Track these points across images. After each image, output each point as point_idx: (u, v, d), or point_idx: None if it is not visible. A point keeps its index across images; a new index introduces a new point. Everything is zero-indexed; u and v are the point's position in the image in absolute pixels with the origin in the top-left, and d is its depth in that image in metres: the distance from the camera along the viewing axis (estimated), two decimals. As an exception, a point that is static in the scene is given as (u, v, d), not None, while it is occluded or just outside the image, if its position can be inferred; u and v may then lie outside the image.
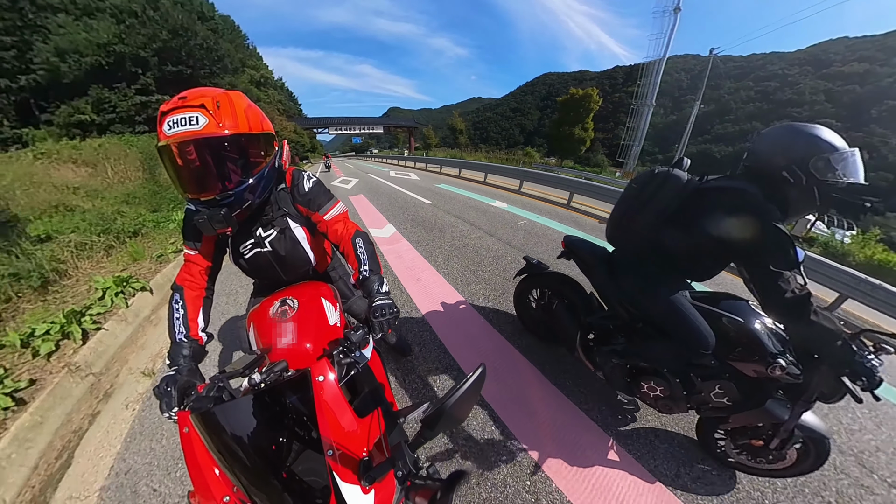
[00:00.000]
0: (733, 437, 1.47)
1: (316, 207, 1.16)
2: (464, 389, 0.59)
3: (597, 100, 27.33)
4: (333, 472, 0.64)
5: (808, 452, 1.31)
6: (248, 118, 0.91)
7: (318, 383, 0.72)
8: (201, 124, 0.81)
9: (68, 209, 5.02)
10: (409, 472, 0.60)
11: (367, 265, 1.07)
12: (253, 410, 0.75)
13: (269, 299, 1.15)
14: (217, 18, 34.19)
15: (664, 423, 1.80)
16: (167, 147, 0.82)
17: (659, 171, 1.38)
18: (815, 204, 1.07)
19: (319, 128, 52.07)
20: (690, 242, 1.28)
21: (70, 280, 3.19)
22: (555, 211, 7.01)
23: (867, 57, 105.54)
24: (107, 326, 2.63)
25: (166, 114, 0.81)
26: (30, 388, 2.00)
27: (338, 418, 0.70)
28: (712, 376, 1.38)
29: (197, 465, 0.68)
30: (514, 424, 1.75)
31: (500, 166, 11.69)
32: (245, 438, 0.72)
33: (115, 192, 5.84)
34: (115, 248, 3.86)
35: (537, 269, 2.19)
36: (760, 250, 1.08)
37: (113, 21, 19.78)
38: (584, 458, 1.59)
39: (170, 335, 0.99)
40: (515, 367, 2.18)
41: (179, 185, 0.90)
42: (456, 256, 4.07)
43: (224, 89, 0.92)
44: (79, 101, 18.68)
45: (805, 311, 1.03)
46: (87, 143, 8.66)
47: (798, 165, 1.03)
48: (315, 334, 1.03)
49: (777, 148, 1.09)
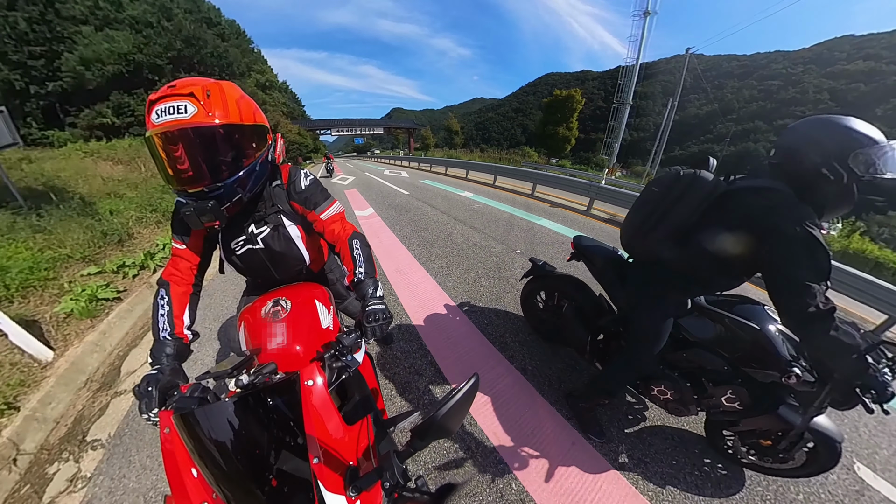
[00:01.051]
0: (742, 436, 1.45)
1: (312, 206, 1.13)
2: (456, 400, 0.56)
3: (580, 100, 28.62)
4: (318, 480, 0.62)
5: (817, 455, 1.28)
6: (239, 108, 0.88)
7: (307, 388, 0.71)
8: (190, 113, 0.77)
9: (118, 196, 6.41)
10: (397, 483, 0.57)
11: (362, 267, 1.05)
12: (238, 413, 0.71)
13: (262, 299, 1.14)
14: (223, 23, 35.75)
15: (652, 434, 1.74)
16: (152, 137, 0.79)
17: (685, 174, 1.22)
18: (852, 203, 0.98)
19: (322, 129, 53.75)
20: (715, 250, 1.16)
21: (135, 241, 4.55)
22: (513, 198, 8.29)
23: (873, 55, 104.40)
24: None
25: (155, 102, 0.77)
26: (123, 293, 3.32)
27: (326, 425, 0.69)
28: (724, 381, 1.35)
29: (176, 469, 0.66)
30: (489, 428, 1.73)
31: (480, 164, 13.05)
32: (227, 443, 0.69)
33: (149, 185, 7.19)
34: (162, 223, 5.23)
35: (545, 270, 2.16)
36: (791, 259, 0.97)
37: (131, 31, 21.46)
38: (568, 470, 1.56)
39: (153, 332, 0.96)
40: (447, 310, 3.35)
41: (166, 176, 0.85)
42: (409, 226, 5.56)
43: (215, 79, 0.88)
44: (101, 106, 20.40)
45: (826, 326, 0.95)
46: (119, 143, 10.14)
47: (838, 162, 0.92)
48: (307, 337, 1.02)
49: (811, 143, 0.98)
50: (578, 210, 7.21)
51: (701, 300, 1.40)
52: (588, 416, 1.75)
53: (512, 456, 1.61)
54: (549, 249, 4.51)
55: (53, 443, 1.78)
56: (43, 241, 3.59)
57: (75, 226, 4.05)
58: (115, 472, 1.58)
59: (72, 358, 2.31)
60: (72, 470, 1.62)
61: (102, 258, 3.82)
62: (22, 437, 1.74)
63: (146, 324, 2.96)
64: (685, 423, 1.82)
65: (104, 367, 2.41)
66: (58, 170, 6.75)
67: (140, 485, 1.52)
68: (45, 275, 3.09)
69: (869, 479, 1.60)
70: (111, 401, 2.05)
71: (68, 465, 1.64)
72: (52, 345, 2.40)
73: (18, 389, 1.98)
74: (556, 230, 5.50)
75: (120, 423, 1.87)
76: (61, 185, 5.80)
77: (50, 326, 2.58)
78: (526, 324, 2.60)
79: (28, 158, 7.44)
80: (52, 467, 1.63)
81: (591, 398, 1.72)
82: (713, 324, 1.36)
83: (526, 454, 1.62)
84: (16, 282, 2.83)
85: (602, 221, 6.45)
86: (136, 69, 20.75)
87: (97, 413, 1.95)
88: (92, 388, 2.20)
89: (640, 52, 16.05)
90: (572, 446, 1.67)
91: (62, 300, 2.79)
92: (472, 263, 3.90)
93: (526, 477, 1.52)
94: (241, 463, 0.70)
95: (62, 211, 4.36)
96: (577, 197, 8.07)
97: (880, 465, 1.68)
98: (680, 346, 1.46)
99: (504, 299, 3.08)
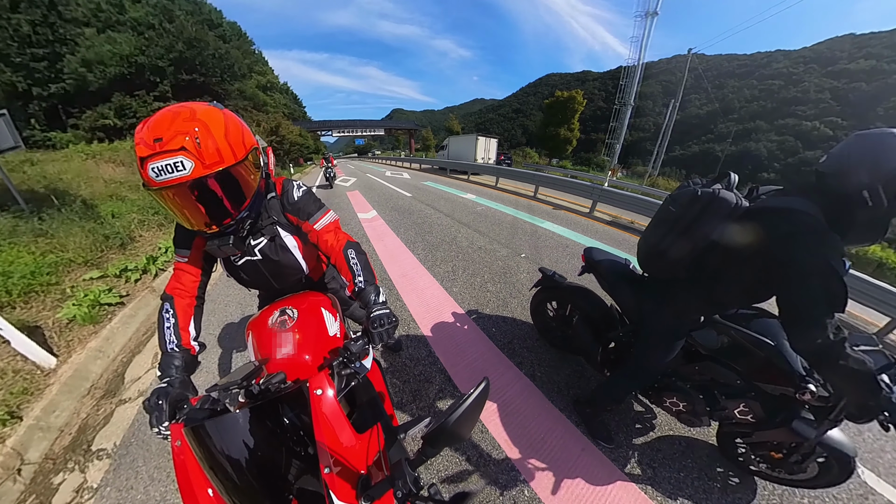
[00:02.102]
0: (754, 447, 1.44)
1: (305, 217, 1.14)
2: (467, 405, 0.55)
3: (581, 101, 28.48)
4: (330, 489, 0.62)
5: (830, 468, 1.26)
6: (230, 146, 0.86)
7: (317, 397, 0.70)
8: (189, 169, 0.77)
9: (119, 198, 6.40)
10: (409, 491, 0.56)
11: (361, 276, 1.05)
12: (249, 424, 0.72)
13: (269, 309, 1.15)
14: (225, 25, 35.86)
15: (661, 441, 1.73)
16: (159, 192, 0.80)
17: (703, 193, 1.15)
18: (881, 236, 0.92)
19: (323, 130, 53.84)
20: (732, 272, 1.12)
21: (137, 244, 4.53)
22: (516, 201, 8.26)
23: (874, 54, 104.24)
24: (170, 270, 3.96)
25: (146, 160, 0.76)
26: (125, 298, 3.30)
27: (336, 433, 0.68)
28: (738, 395, 1.34)
29: (188, 482, 0.65)
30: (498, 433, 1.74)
31: (481, 165, 13.00)
32: (238, 453, 0.69)
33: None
34: (164, 225, 5.21)
35: (555, 281, 2.14)
36: (806, 293, 0.93)
37: (133, 34, 21.52)
38: (578, 478, 1.56)
39: (160, 346, 0.97)
40: (451, 312, 3.40)
41: (185, 221, 0.89)
42: (413, 229, 5.51)
43: (192, 109, 0.84)
44: (102, 108, 20.45)
45: (836, 356, 0.91)
46: (121, 145, 10.14)
47: (885, 185, 0.83)
48: (314, 345, 1.02)
49: (864, 160, 0.87)
50: (581, 212, 7.17)
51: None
52: (595, 422, 1.75)
53: (523, 463, 1.61)
54: (554, 253, 4.47)
55: (58, 452, 1.76)
56: (45, 245, 3.57)
57: (77, 229, 4.03)
58: (123, 483, 1.56)
59: (75, 365, 2.29)
60: (78, 480, 1.59)
61: (104, 262, 3.81)
62: (26, 447, 1.72)
63: (149, 329, 2.94)
64: (694, 431, 1.82)
65: (108, 374, 2.39)
66: (60, 172, 6.75)
67: (148, 496, 1.50)
68: (48, 279, 3.07)
69: (873, 482, 1.61)
70: (116, 409, 2.03)
71: (74, 475, 1.62)
72: (54, 351, 2.38)
73: (21, 397, 1.96)
74: (561, 233, 5.46)
75: (126, 432, 1.85)
76: (63, 188, 5.79)
77: (52, 332, 2.56)
78: (534, 329, 2.60)
79: (31, 161, 7.44)
80: (57, 477, 1.61)
81: (597, 404, 1.73)
82: (726, 338, 1.34)
83: (536, 461, 1.62)
84: (18, 287, 2.81)
85: (605, 224, 6.41)
86: (137, 71, 20.82)
87: (102, 422, 1.93)
88: (96, 395, 2.17)
89: (642, 54, 16.00)
90: (582, 452, 1.67)
91: (64, 305, 2.77)
92: (477, 268, 3.87)
93: (538, 484, 1.52)
94: (252, 474, 0.70)
95: (64, 214, 4.34)
96: (579, 199, 8.04)
97: (884, 470, 1.69)
98: (692, 359, 1.45)
99: (511, 305, 3.05)
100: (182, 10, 27.04)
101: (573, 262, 4.16)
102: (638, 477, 1.58)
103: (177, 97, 21.73)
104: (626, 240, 5.44)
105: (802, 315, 0.95)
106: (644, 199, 6.15)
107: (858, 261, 5.82)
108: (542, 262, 3.95)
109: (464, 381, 2.13)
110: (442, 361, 2.30)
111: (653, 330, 1.44)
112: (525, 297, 3.13)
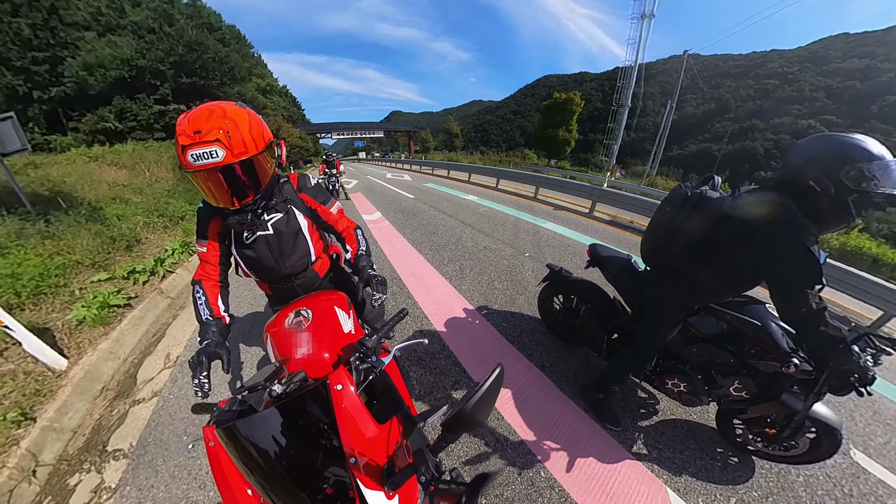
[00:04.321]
0: (750, 425, 1.56)
1: (321, 201, 1.35)
2: (483, 390, 0.57)
3: (579, 103, 28.48)
4: (357, 479, 0.65)
5: (820, 441, 1.38)
6: (253, 138, 1.01)
7: (337, 392, 0.73)
8: (221, 157, 0.93)
9: (123, 200, 6.39)
10: (432, 476, 0.59)
11: (364, 247, 1.35)
12: (275, 422, 0.75)
13: (284, 311, 1.19)
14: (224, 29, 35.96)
15: (664, 425, 1.82)
16: (195, 173, 0.96)
17: (692, 194, 1.35)
18: (851, 216, 1.04)
19: (322, 132, 53.93)
20: (724, 261, 1.28)
21: (143, 246, 4.53)
22: (517, 202, 8.28)
23: (867, 53, 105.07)
24: (177, 271, 3.96)
25: (187, 147, 0.91)
26: (134, 300, 3.29)
27: (358, 426, 0.71)
28: (732, 373, 1.46)
29: (225, 480, 0.69)
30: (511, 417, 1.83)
31: (482, 167, 13.03)
32: (269, 451, 0.72)
33: (154, 190, 7.17)
34: (169, 227, 5.21)
35: (561, 276, 2.26)
36: (788, 269, 1.08)
37: (134, 37, 21.55)
38: (590, 458, 1.64)
39: (196, 318, 1.13)
40: (461, 309, 3.43)
41: (212, 198, 1.05)
42: (419, 230, 5.52)
43: (224, 108, 0.99)
44: (103, 111, 20.41)
45: (817, 323, 1.06)
46: (123, 148, 10.14)
47: (827, 175, 0.99)
48: (331, 343, 1.06)
49: (808, 157, 1.06)
50: (581, 213, 7.19)
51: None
52: (603, 406, 1.86)
53: (537, 446, 1.70)
54: (556, 252, 4.49)
55: (73, 453, 1.75)
56: (52, 248, 3.57)
57: (84, 231, 4.03)
58: (143, 483, 1.56)
59: (86, 366, 2.28)
60: (95, 481, 1.59)
61: (112, 264, 3.80)
62: (40, 448, 1.72)
63: (159, 330, 2.94)
64: (694, 415, 1.91)
65: (119, 375, 2.39)
66: (63, 175, 6.75)
67: (170, 494, 1.50)
68: (56, 281, 3.07)
69: (864, 463, 1.71)
70: (129, 409, 2.02)
71: (90, 475, 1.62)
72: (65, 353, 2.38)
73: (34, 399, 1.96)
74: (562, 233, 5.49)
75: (142, 431, 1.84)
76: (68, 191, 5.79)
77: (62, 334, 2.55)
78: (540, 323, 2.66)
79: (34, 164, 7.44)
80: (73, 478, 1.61)
81: (602, 387, 1.83)
82: (718, 321, 1.48)
83: (550, 444, 1.71)
84: (27, 289, 2.81)
85: (605, 224, 6.44)
86: (138, 74, 20.79)
87: (116, 422, 1.93)
88: (108, 396, 2.17)
89: (639, 55, 16.11)
90: (592, 436, 1.76)
91: (74, 307, 2.77)
92: (483, 267, 3.89)
93: (552, 465, 1.61)
94: (285, 467, 0.73)
95: (70, 216, 4.34)
96: (579, 199, 8.07)
97: (875, 451, 1.79)
98: (689, 342, 1.58)
99: (518, 301, 3.07)
100: (182, 13, 27.13)
101: (575, 259, 4.20)
102: (644, 456, 1.67)
103: (177, 100, 21.72)
104: (625, 238, 5.48)
105: (788, 285, 1.10)
106: (642, 199, 6.19)
107: (854, 257, 5.93)
108: (545, 261, 3.96)
109: (478, 373, 2.19)
110: (456, 355, 2.35)
111: (653, 316, 1.59)
112: (530, 293, 3.18)
